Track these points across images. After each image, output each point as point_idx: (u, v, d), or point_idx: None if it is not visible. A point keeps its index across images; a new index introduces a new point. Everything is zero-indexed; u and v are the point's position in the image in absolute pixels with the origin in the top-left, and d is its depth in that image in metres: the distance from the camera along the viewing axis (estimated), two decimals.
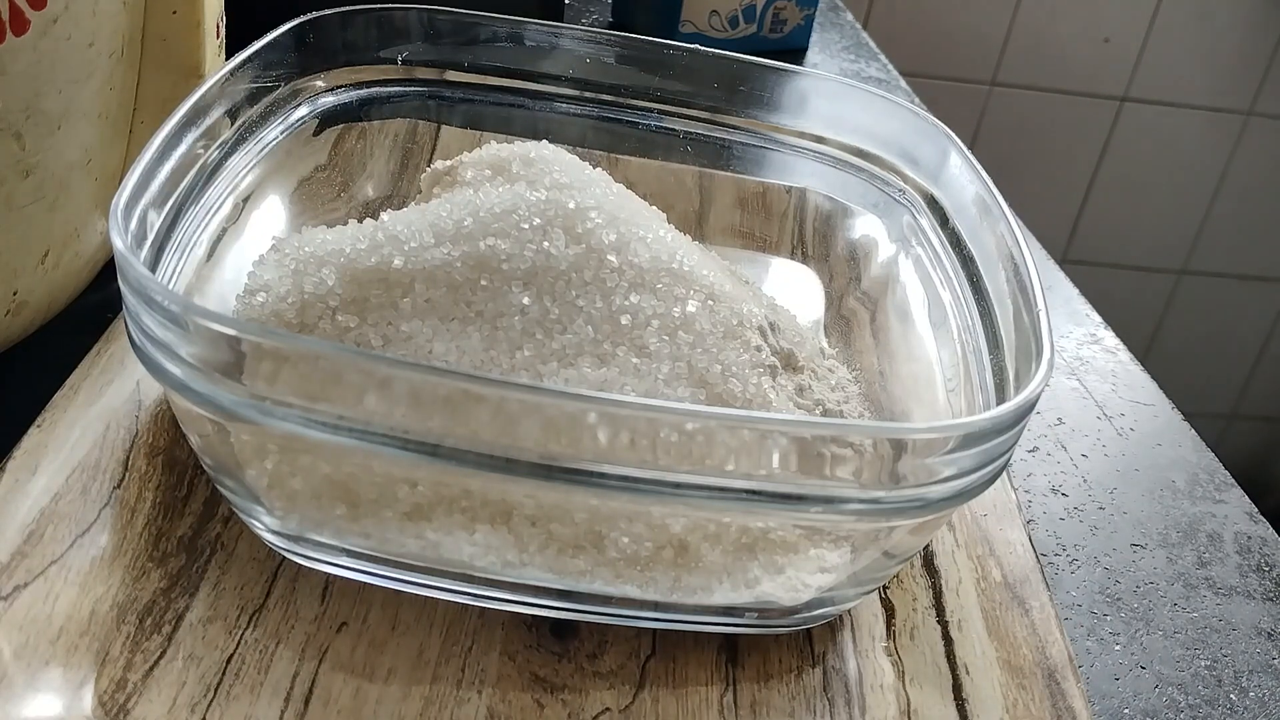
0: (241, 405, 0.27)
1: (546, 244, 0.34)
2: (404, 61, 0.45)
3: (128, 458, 0.35)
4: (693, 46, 0.46)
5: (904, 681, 0.32)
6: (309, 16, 0.42)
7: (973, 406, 0.35)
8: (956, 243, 0.40)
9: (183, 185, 0.34)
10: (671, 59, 0.46)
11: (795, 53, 0.80)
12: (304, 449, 0.30)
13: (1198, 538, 0.42)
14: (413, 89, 0.46)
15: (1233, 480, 0.45)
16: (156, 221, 0.33)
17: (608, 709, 0.30)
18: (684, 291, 0.35)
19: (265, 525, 0.31)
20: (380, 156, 0.46)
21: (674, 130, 0.47)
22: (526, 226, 0.35)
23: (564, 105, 0.47)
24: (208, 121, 0.36)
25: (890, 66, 0.82)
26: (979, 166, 0.40)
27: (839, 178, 0.46)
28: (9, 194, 0.35)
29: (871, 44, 0.86)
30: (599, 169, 0.40)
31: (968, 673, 0.32)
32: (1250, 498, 0.44)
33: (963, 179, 0.40)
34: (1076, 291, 0.57)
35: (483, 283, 0.34)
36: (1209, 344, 1.43)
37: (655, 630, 0.32)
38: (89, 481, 0.34)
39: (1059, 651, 0.33)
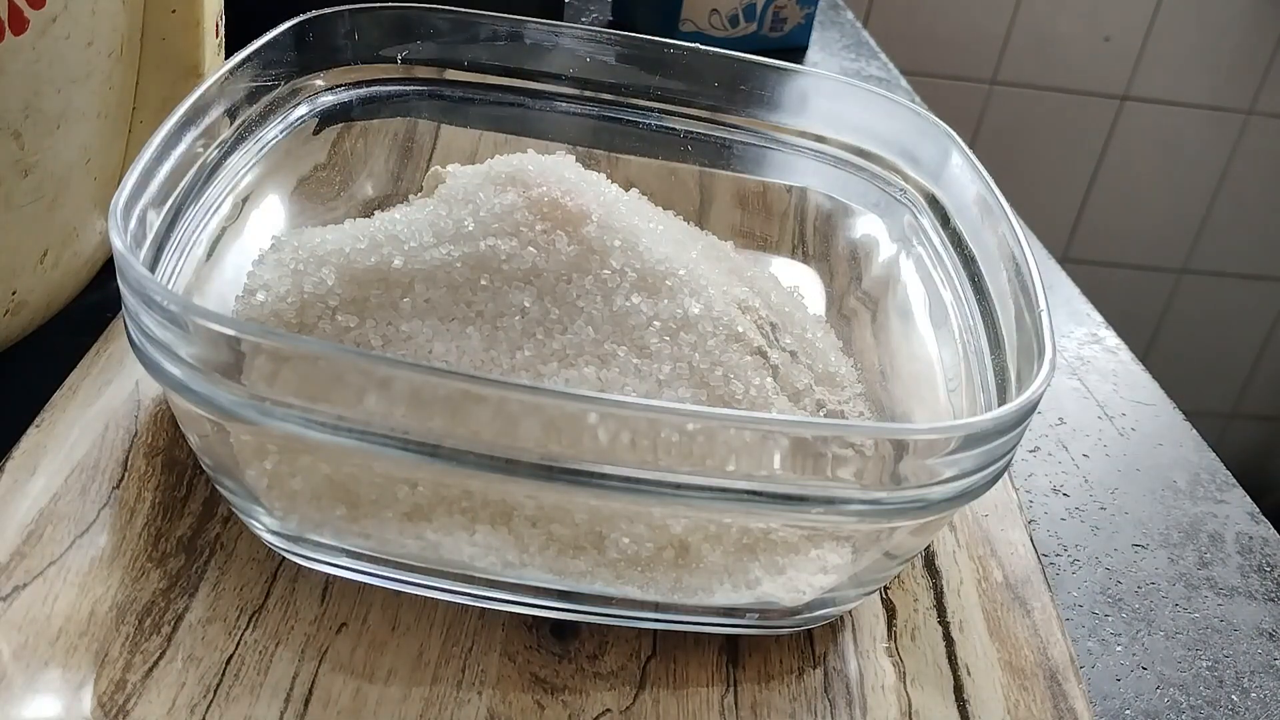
0: (241, 405, 0.27)
1: (547, 244, 0.34)
2: (404, 60, 0.45)
3: (127, 458, 0.34)
4: (693, 45, 0.46)
5: (905, 682, 0.32)
6: (308, 15, 0.42)
7: (974, 407, 0.35)
8: (958, 242, 0.40)
9: (182, 185, 0.34)
10: (672, 58, 0.46)
11: (795, 51, 0.80)
12: (304, 449, 0.30)
13: (1199, 538, 0.42)
14: (412, 88, 0.46)
15: (1234, 480, 0.45)
16: (156, 221, 0.33)
17: (608, 710, 0.30)
18: (685, 292, 0.35)
19: (265, 526, 0.31)
20: (380, 156, 0.46)
21: (674, 129, 0.47)
22: (526, 227, 0.34)
23: (564, 104, 0.47)
24: (207, 121, 0.36)
25: (890, 65, 0.82)
26: (980, 166, 0.40)
27: (839, 177, 0.46)
28: (8, 193, 0.35)
29: (872, 43, 0.86)
30: (600, 172, 0.40)
31: (969, 674, 0.32)
32: (1250, 497, 0.44)
33: (964, 178, 0.40)
34: (1078, 291, 0.57)
35: (483, 283, 0.34)
36: (1209, 343, 1.43)
37: (656, 631, 0.32)
38: (88, 482, 0.34)
39: (1060, 652, 0.33)
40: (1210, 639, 0.37)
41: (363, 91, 0.45)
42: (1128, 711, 0.34)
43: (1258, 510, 0.44)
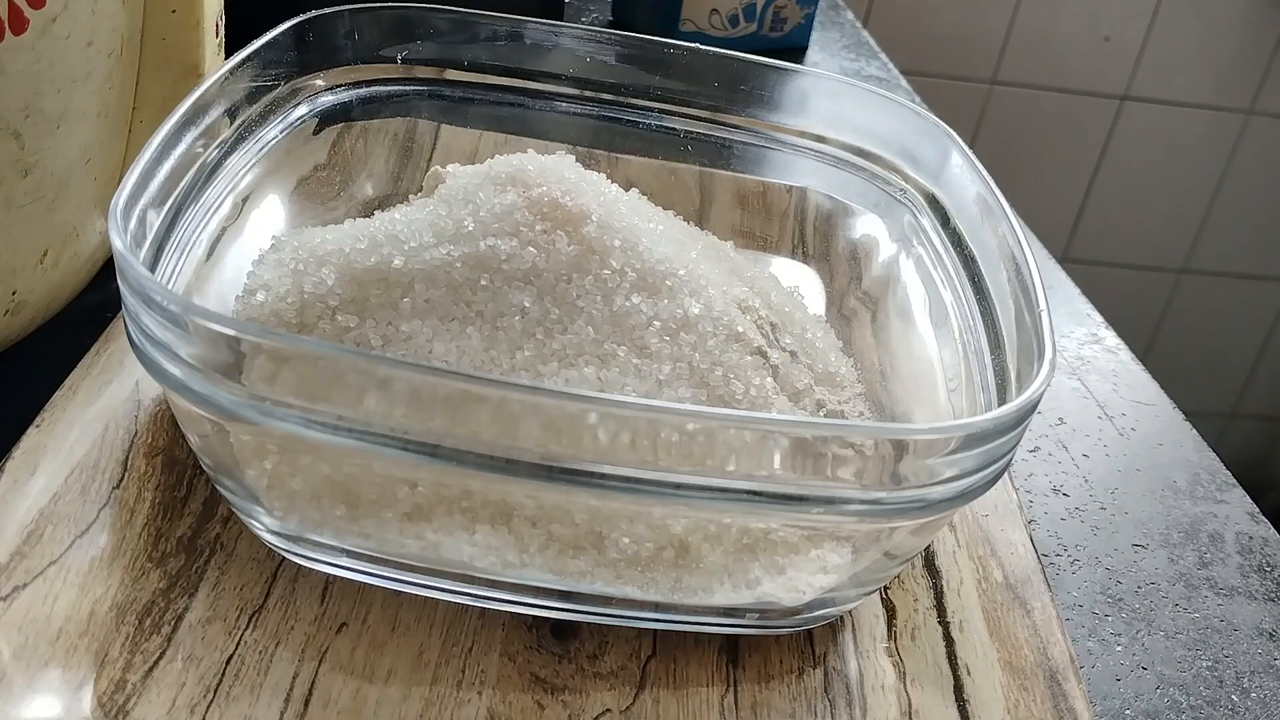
0: (241, 405, 0.27)
1: (547, 244, 0.34)
2: (404, 60, 0.45)
3: (127, 458, 0.34)
4: (693, 45, 0.46)
5: (905, 682, 0.32)
6: (308, 15, 0.42)
7: (974, 407, 0.35)
8: (958, 242, 0.40)
9: (182, 185, 0.34)
10: (672, 58, 0.46)
11: (795, 51, 0.80)
12: (304, 449, 0.30)
13: (1199, 538, 0.42)
14: (412, 88, 0.46)
15: (1234, 480, 0.45)
16: (156, 221, 0.33)
17: (608, 710, 0.30)
18: (685, 292, 0.35)
19: (265, 526, 0.31)
20: (380, 156, 0.46)
21: (674, 129, 0.47)
22: (526, 227, 0.34)
23: (564, 104, 0.47)
24: (207, 121, 0.36)
25: (890, 65, 0.82)
26: (980, 166, 0.40)
27: (839, 177, 0.46)
28: (8, 193, 0.35)
29: (872, 42, 0.86)
30: (600, 172, 0.40)
31: (969, 673, 0.32)
32: (1250, 497, 0.44)
33: (964, 178, 0.40)
34: (1078, 291, 0.57)
35: (483, 283, 0.34)
36: (1209, 343, 1.43)
37: (656, 631, 0.32)
38: (88, 482, 0.34)
39: (1060, 652, 0.33)
40: (1210, 639, 0.37)
41: (363, 91, 0.45)
42: (1128, 711, 0.34)
43: (1258, 510, 0.44)
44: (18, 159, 0.35)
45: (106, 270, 0.42)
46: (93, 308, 0.42)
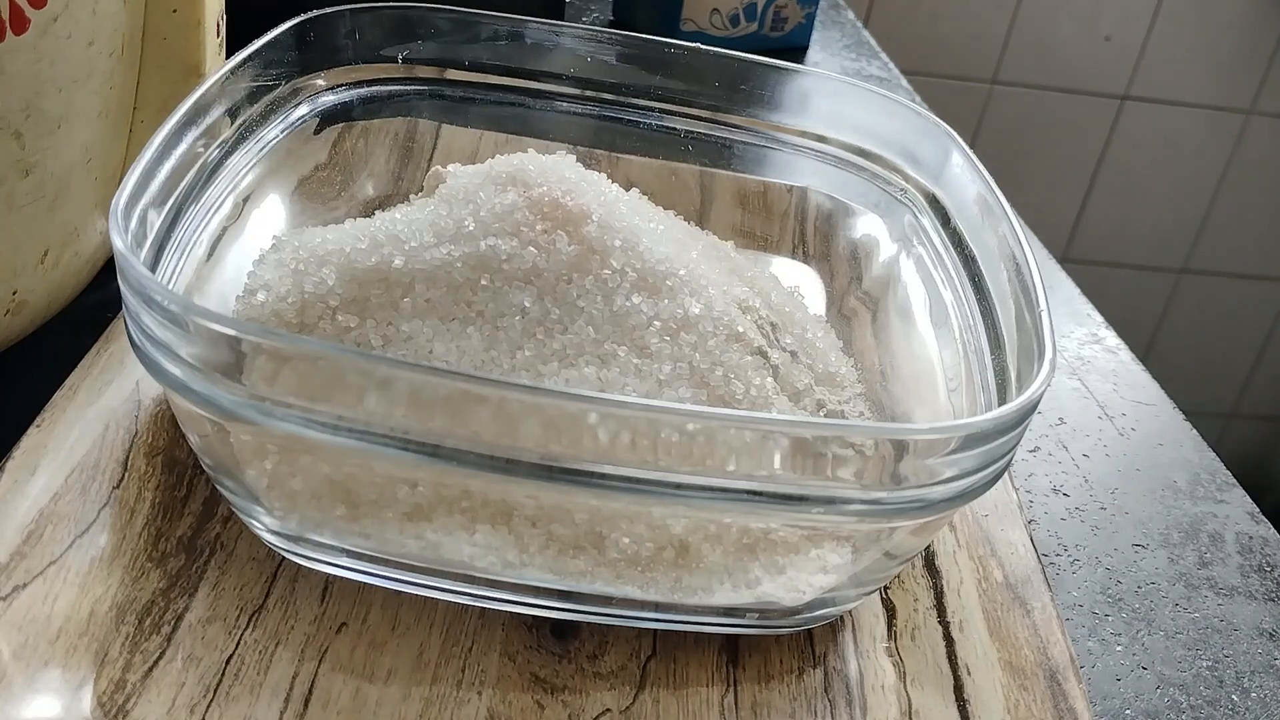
0: (241, 405, 0.27)
1: (547, 244, 0.34)
2: (404, 60, 0.45)
3: (127, 458, 0.34)
4: (694, 45, 0.46)
5: (905, 682, 0.32)
6: (309, 15, 0.42)
7: (974, 407, 0.35)
8: (958, 242, 0.40)
9: (183, 184, 0.34)
10: (672, 57, 0.46)
11: (796, 51, 0.80)
12: (304, 449, 0.30)
13: (1199, 538, 0.42)
14: (413, 88, 0.46)
15: (1234, 480, 0.45)
16: (156, 221, 0.33)
17: (608, 710, 0.30)
18: (686, 292, 0.35)
19: (265, 525, 0.31)
20: (380, 155, 0.46)
21: (675, 129, 0.47)
22: (527, 227, 0.34)
23: (564, 104, 0.47)
24: (208, 120, 0.36)
25: (891, 65, 0.82)
26: (980, 165, 0.40)
27: (840, 177, 0.46)
28: (9, 193, 0.35)
29: (872, 42, 0.86)
30: (600, 172, 0.40)
31: (969, 673, 0.32)
32: (1250, 497, 0.44)
33: (964, 178, 0.40)
34: (1078, 291, 0.57)
35: (483, 283, 0.34)
36: (1209, 343, 1.43)
37: (656, 631, 0.32)
38: (88, 482, 0.34)
39: (1060, 652, 0.33)
40: (1210, 639, 0.37)
41: (363, 91, 0.45)
42: (1128, 711, 0.34)
43: (1258, 510, 0.44)
44: (18, 159, 0.35)
45: (107, 270, 0.42)
46: (93, 308, 0.42)
